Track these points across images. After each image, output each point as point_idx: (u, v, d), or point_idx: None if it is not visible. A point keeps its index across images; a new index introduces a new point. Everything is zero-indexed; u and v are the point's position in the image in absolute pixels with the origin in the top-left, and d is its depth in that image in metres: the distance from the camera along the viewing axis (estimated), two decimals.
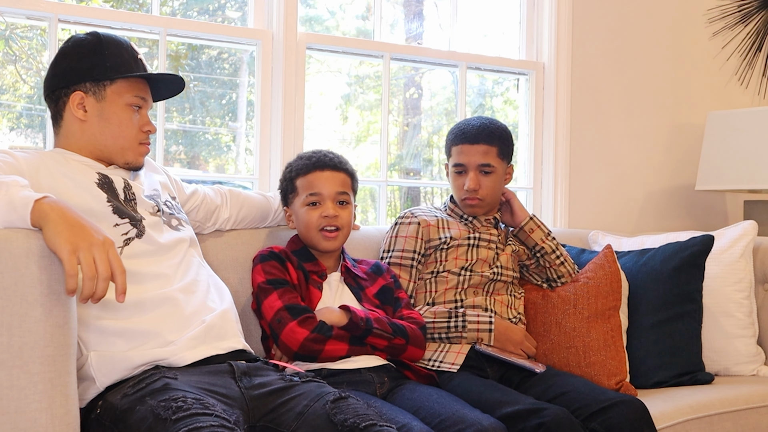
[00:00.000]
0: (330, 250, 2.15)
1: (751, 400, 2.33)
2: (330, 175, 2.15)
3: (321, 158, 2.16)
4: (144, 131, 1.93)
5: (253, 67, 2.89)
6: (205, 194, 2.21)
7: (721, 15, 3.67)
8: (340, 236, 2.14)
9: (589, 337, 2.33)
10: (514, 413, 1.89)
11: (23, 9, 2.43)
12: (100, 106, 1.87)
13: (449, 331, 2.24)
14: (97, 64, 1.87)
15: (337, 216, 2.12)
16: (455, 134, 2.41)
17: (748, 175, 3.14)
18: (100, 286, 1.45)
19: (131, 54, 1.92)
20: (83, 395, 1.68)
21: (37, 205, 1.49)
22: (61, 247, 1.43)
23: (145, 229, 1.84)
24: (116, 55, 1.88)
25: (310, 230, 2.14)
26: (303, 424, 1.62)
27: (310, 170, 2.15)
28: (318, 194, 2.13)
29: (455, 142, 2.40)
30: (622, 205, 3.47)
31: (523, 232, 2.42)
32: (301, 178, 2.16)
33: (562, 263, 2.42)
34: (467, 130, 2.38)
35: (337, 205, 2.14)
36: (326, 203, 2.13)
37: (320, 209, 2.12)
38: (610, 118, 3.43)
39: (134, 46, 1.95)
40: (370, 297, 2.17)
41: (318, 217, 2.12)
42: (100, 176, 1.85)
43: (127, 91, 1.89)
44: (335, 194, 2.14)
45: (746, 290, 2.66)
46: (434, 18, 3.44)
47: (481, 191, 2.35)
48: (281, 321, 1.97)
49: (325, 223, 2.11)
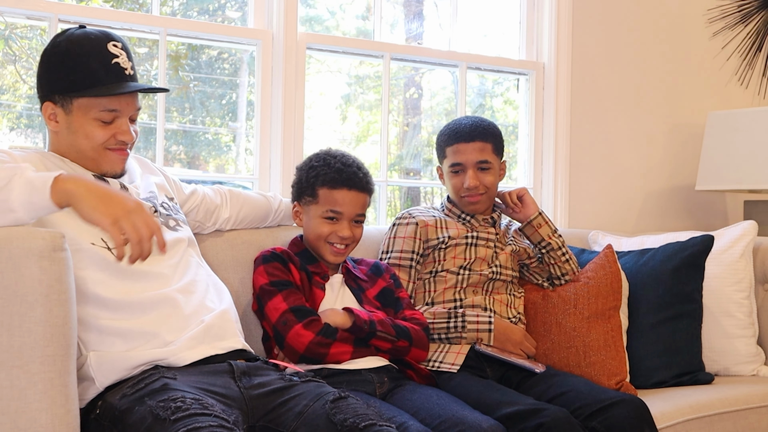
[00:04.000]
0: (335, 263, 2.15)
1: (751, 400, 2.33)
2: (355, 196, 2.11)
3: (351, 176, 2.10)
4: (117, 140, 1.84)
5: (253, 67, 2.89)
6: (204, 194, 2.21)
7: (721, 15, 3.67)
8: (348, 251, 2.15)
9: (590, 337, 2.33)
10: (514, 413, 1.89)
11: (23, 9, 2.43)
12: (69, 119, 1.82)
13: (449, 331, 2.24)
14: (63, 77, 1.80)
15: (351, 236, 2.12)
16: (448, 135, 2.41)
17: (748, 175, 3.14)
18: (145, 247, 1.54)
19: (103, 62, 1.80)
20: (83, 395, 1.69)
21: (58, 183, 1.51)
22: (102, 221, 1.51)
23: None
24: (82, 67, 1.78)
25: (319, 241, 2.12)
26: (302, 423, 1.62)
27: (338, 186, 2.10)
28: (340, 213, 2.10)
29: (449, 143, 2.40)
30: (622, 205, 3.47)
31: (531, 226, 2.42)
32: (326, 189, 2.11)
33: (567, 260, 2.43)
34: (461, 130, 2.38)
35: (353, 224, 2.13)
36: (343, 222, 2.11)
37: (336, 226, 2.10)
38: (610, 118, 3.43)
39: (111, 48, 1.82)
40: (371, 299, 2.17)
41: (331, 233, 2.10)
42: (96, 178, 1.84)
43: (94, 106, 1.80)
44: (354, 215, 2.12)
45: (746, 290, 2.66)
46: (434, 18, 3.44)
47: (481, 188, 2.36)
48: (287, 323, 1.96)
49: (337, 241, 2.11)
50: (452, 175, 2.39)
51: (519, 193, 2.45)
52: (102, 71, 1.79)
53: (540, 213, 2.43)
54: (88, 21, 2.50)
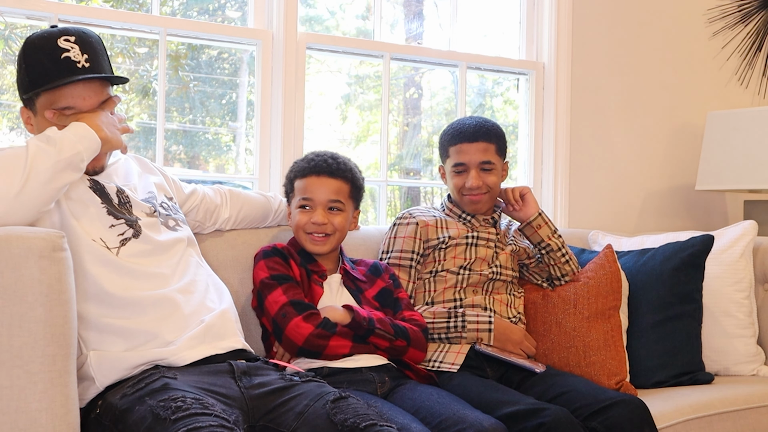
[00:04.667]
0: (316, 253, 2.15)
1: (751, 400, 2.33)
2: (324, 181, 2.14)
3: (319, 163, 2.16)
4: None
5: (253, 67, 2.89)
6: (204, 194, 2.21)
7: (721, 15, 3.67)
8: (330, 241, 2.14)
9: (590, 337, 2.33)
10: (514, 413, 1.89)
11: (23, 9, 2.43)
12: (37, 120, 1.83)
13: (449, 331, 2.24)
14: (22, 78, 1.81)
15: (326, 223, 2.12)
16: (452, 135, 2.41)
17: (748, 175, 3.14)
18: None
19: (52, 57, 1.77)
20: (83, 395, 1.69)
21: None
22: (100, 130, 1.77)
23: (141, 230, 1.84)
24: (35, 65, 1.78)
25: (298, 232, 2.15)
26: (303, 423, 1.62)
27: (306, 174, 2.15)
28: (310, 200, 2.14)
29: (453, 142, 2.40)
30: (622, 205, 3.47)
31: (530, 227, 2.42)
32: (298, 180, 2.17)
33: (567, 261, 2.42)
34: (464, 130, 2.38)
35: (328, 212, 2.14)
36: (317, 209, 2.13)
37: (310, 214, 2.13)
38: (610, 118, 3.43)
39: (62, 43, 1.78)
40: (370, 299, 2.17)
41: (307, 222, 2.13)
42: (92, 182, 1.85)
43: (49, 104, 1.79)
44: (327, 201, 2.13)
45: (746, 290, 2.66)
46: (434, 18, 3.44)
47: (484, 188, 2.36)
48: (286, 316, 1.97)
49: (313, 229, 2.13)
50: (455, 174, 2.39)
51: (522, 191, 2.45)
52: (51, 66, 1.78)
53: (540, 214, 2.43)
54: (88, 21, 2.50)
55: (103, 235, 1.78)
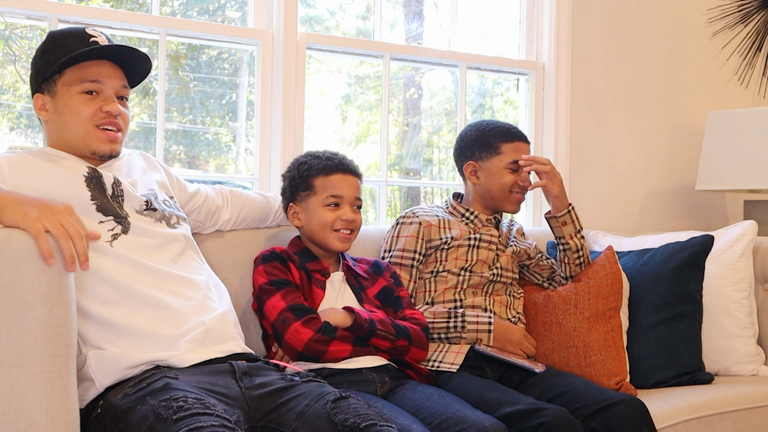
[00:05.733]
0: (342, 250, 2.17)
1: (751, 400, 2.33)
2: (351, 179, 2.17)
3: (342, 161, 2.18)
4: (104, 111, 1.85)
5: (253, 67, 2.89)
6: (207, 195, 2.21)
7: (721, 15, 3.67)
8: (352, 238, 2.18)
9: (590, 337, 2.33)
10: (514, 413, 1.89)
11: (23, 9, 2.43)
12: (55, 102, 1.86)
13: (448, 331, 2.24)
14: (45, 63, 1.86)
15: (354, 220, 2.15)
16: (506, 132, 2.41)
17: (748, 175, 3.14)
18: (79, 245, 1.44)
19: (81, 39, 1.85)
20: (83, 396, 1.68)
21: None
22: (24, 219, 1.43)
23: (130, 226, 1.83)
24: (62, 48, 1.84)
25: (324, 229, 2.14)
26: (303, 423, 1.62)
27: (333, 172, 2.15)
28: (340, 197, 2.14)
29: (508, 139, 2.40)
30: (622, 205, 3.47)
31: (556, 220, 2.42)
32: (321, 178, 2.15)
33: (579, 264, 2.43)
34: (516, 130, 2.43)
35: (354, 210, 2.16)
36: (345, 207, 2.15)
37: (339, 212, 2.14)
38: (610, 118, 3.43)
39: (91, 32, 1.87)
40: (371, 298, 2.17)
41: (336, 219, 2.13)
42: (90, 170, 1.85)
43: (76, 79, 1.84)
44: (354, 199, 2.16)
45: (746, 290, 2.66)
46: (434, 18, 3.44)
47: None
48: (285, 321, 1.97)
49: (343, 226, 2.14)
50: (509, 172, 2.39)
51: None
52: (79, 46, 1.84)
53: (569, 210, 2.43)
54: (88, 21, 2.50)
55: (94, 229, 1.77)
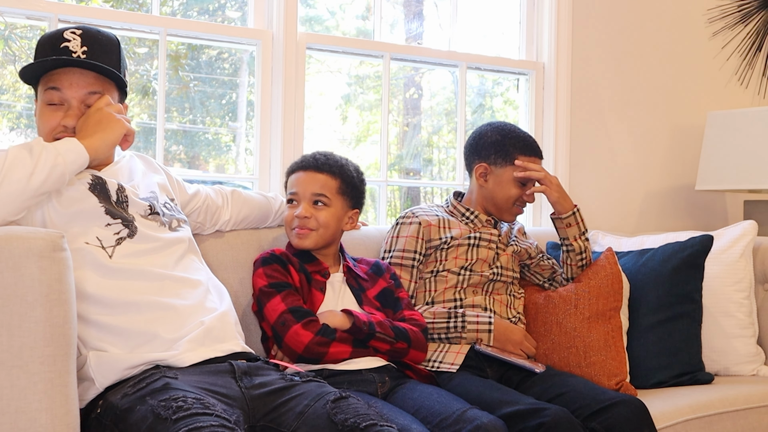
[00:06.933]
0: (300, 247, 2.15)
1: (751, 400, 2.33)
2: (309, 176, 2.16)
3: (307, 158, 2.20)
4: (61, 125, 1.82)
5: (253, 67, 2.89)
6: (207, 195, 2.21)
7: (721, 15, 3.67)
8: (313, 236, 2.14)
9: (590, 338, 2.33)
10: (514, 413, 1.89)
11: (23, 9, 2.43)
12: (38, 107, 1.87)
13: (449, 331, 2.24)
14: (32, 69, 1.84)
15: (309, 217, 2.13)
16: (525, 144, 2.40)
17: (748, 175, 3.14)
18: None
19: (53, 45, 1.82)
20: (83, 396, 1.68)
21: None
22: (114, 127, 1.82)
23: (137, 230, 1.83)
24: (39, 53, 1.84)
25: (286, 227, 2.19)
26: (303, 423, 1.62)
27: (294, 170, 2.21)
28: (295, 194, 2.17)
29: (527, 152, 2.39)
30: (622, 205, 3.47)
31: (560, 221, 2.42)
32: (289, 176, 2.22)
33: (581, 266, 2.43)
34: (533, 142, 2.42)
35: (313, 206, 2.14)
36: (301, 203, 2.15)
37: (295, 209, 2.16)
38: (610, 118, 3.43)
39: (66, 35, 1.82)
40: (371, 299, 2.17)
41: (292, 216, 2.15)
42: (94, 178, 1.85)
43: (43, 87, 1.83)
44: (310, 195, 2.15)
45: (746, 290, 2.66)
46: (434, 18, 3.44)
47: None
48: (285, 324, 1.97)
49: (296, 224, 2.14)
50: (518, 185, 2.39)
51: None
52: (49, 53, 1.82)
53: (574, 213, 2.43)
54: (88, 21, 2.50)
55: (99, 234, 1.78)
